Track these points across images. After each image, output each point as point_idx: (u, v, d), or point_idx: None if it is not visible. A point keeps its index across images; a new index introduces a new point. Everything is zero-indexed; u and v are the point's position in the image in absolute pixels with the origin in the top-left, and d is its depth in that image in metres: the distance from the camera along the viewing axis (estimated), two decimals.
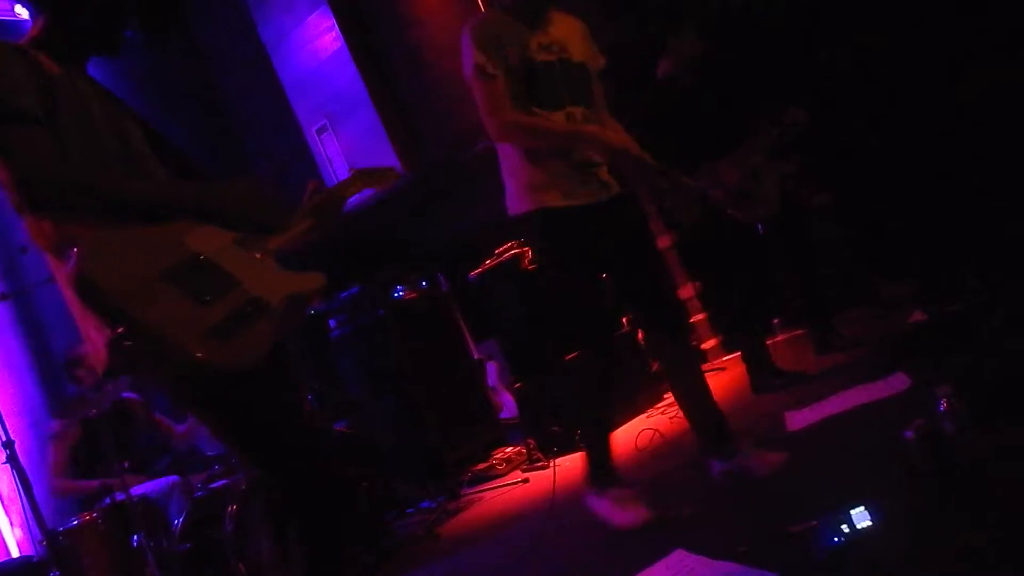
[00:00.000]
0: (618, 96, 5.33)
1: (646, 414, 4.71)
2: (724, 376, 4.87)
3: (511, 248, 5.02)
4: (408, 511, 4.76)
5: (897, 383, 2.96)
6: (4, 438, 3.72)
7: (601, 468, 2.90)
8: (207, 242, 1.76)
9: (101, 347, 1.72)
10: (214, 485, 4.10)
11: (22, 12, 5.68)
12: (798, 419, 3.11)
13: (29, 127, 1.70)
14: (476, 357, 5.70)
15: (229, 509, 3.95)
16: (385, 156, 6.19)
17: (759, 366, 3.97)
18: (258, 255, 1.85)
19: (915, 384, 2.86)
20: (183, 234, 1.75)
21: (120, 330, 1.57)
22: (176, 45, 6.45)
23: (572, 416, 3.30)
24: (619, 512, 2.77)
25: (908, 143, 4.17)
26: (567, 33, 2.88)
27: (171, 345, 1.55)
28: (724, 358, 5.27)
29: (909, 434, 2.05)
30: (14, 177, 1.70)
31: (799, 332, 4.52)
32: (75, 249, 1.58)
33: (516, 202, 2.82)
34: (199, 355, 1.56)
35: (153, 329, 1.56)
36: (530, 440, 4.76)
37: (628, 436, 4.12)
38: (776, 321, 5.01)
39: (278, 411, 1.85)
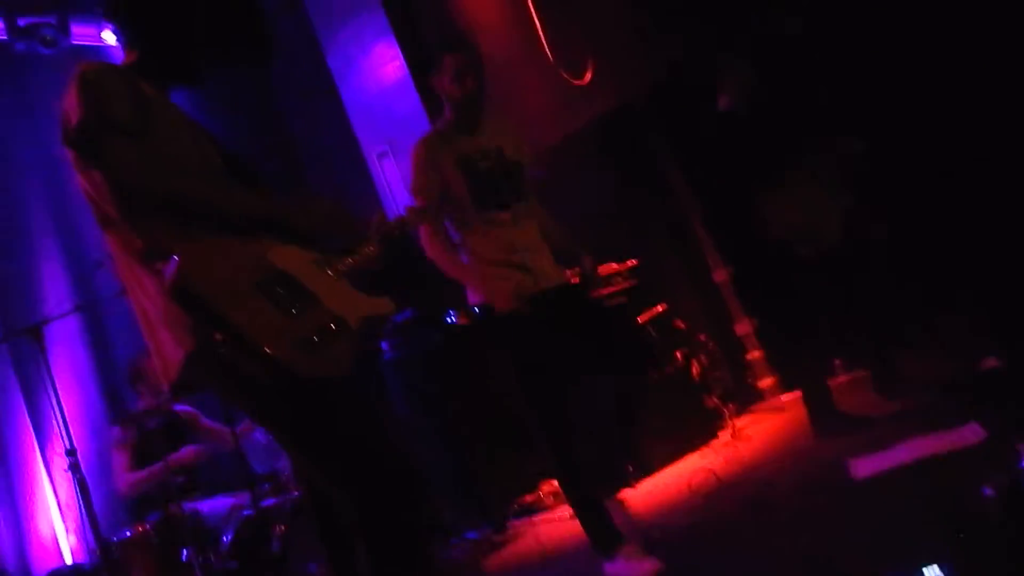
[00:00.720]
0: (673, 126, 5.39)
1: (699, 452, 4.63)
2: (782, 417, 4.78)
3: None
4: (452, 540, 4.73)
5: (970, 434, 2.87)
6: (68, 446, 3.81)
7: (603, 533, 2.97)
8: (289, 260, 1.83)
9: (174, 362, 1.77)
10: (264, 504, 4.13)
11: (108, 38, 5.89)
12: (863, 467, 3.02)
13: (130, 139, 1.78)
14: None
15: (277, 529, 3.98)
16: None
17: (821, 407, 3.87)
18: (332, 275, 1.92)
19: (990, 436, 2.76)
20: (267, 250, 1.82)
21: (217, 336, 1.62)
22: (244, 68, 6.61)
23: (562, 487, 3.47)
24: (634, 568, 2.84)
25: (963, 179, 4.08)
26: (500, 134, 3.24)
27: (266, 351, 1.61)
28: (782, 397, 5.18)
29: (988, 491, 1.97)
30: (112, 185, 1.76)
31: (862, 373, 4.41)
32: (174, 256, 1.64)
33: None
34: (292, 362, 1.62)
35: (250, 335, 1.62)
36: None
37: (681, 476, 4.06)
38: (838, 362, 4.91)
39: (362, 427, 1.86)
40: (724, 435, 4.70)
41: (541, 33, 5.61)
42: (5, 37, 5.46)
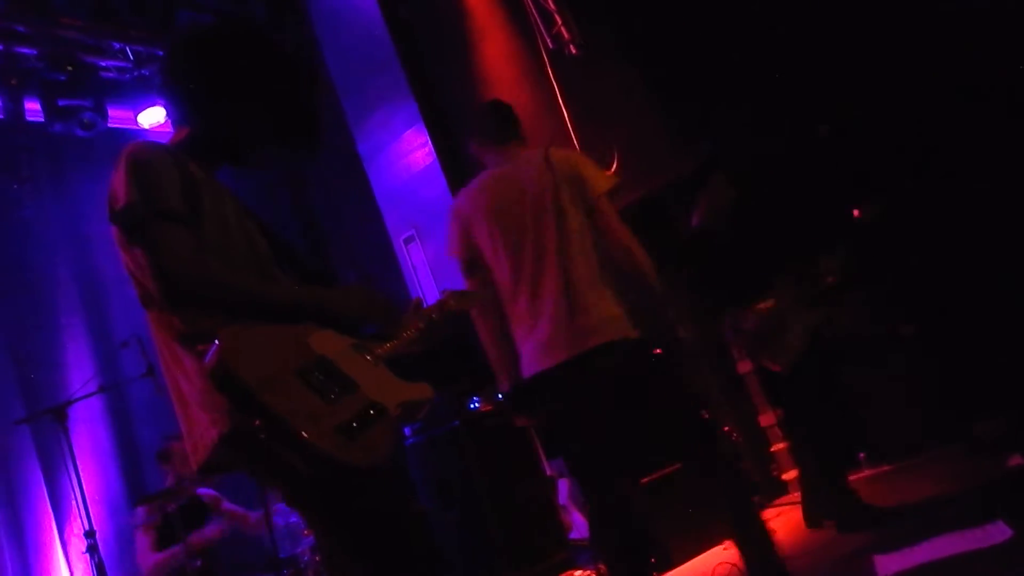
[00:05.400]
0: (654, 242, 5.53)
1: (722, 546, 4.52)
2: None
3: None
4: None
5: (996, 533, 2.80)
6: (87, 527, 3.79)
7: None
8: (329, 345, 1.83)
9: (206, 442, 1.77)
10: None
11: (144, 122, 6.09)
12: (889, 564, 2.95)
13: (176, 225, 1.80)
14: (548, 474, 5.62)
15: None
16: None
17: (843, 502, 3.82)
18: (371, 360, 1.91)
19: (1016, 536, 2.70)
20: (306, 336, 1.82)
21: (256, 421, 1.61)
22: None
23: None
24: None
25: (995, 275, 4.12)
26: None
27: (304, 438, 1.59)
28: None
29: None
30: (155, 270, 1.76)
31: (887, 468, 4.35)
32: (216, 341, 1.63)
33: None
34: (331, 449, 1.60)
35: (288, 422, 1.60)
36: (601, 565, 4.61)
37: (703, 570, 3.97)
38: (862, 456, 4.83)
39: (397, 516, 1.83)
40: None
41: (568, 123, 5.73)
42: (42, 118, 5.62)
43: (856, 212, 3.89)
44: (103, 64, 6.09)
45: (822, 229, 4.19)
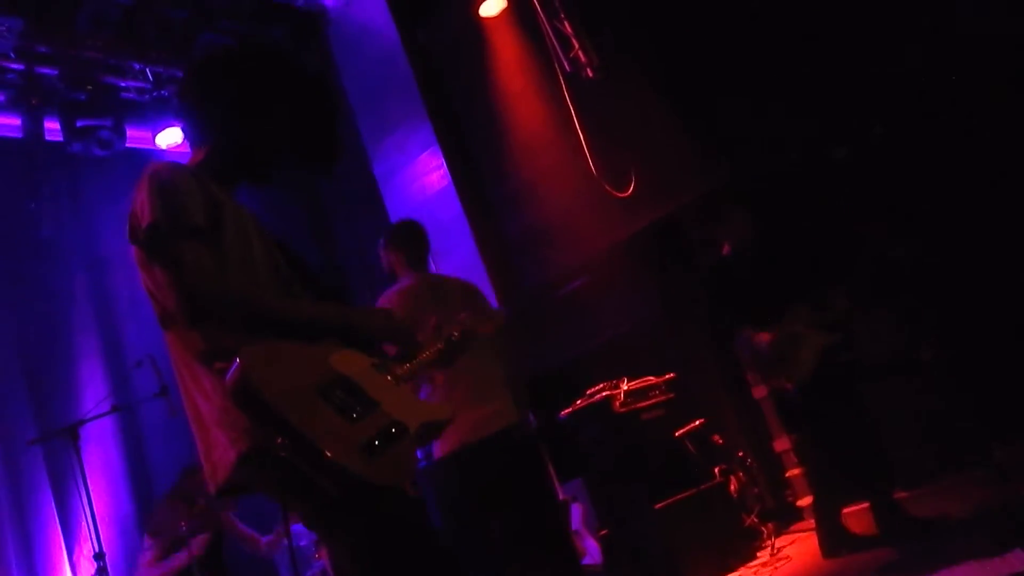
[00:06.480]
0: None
1: (737, 573, 4.46)
2: None
3: (603, 389, 4.96)
4: None
5: (1015, 562, 2.75)
6: (96, 549, 3.77)
7: None
8: (350, 364, 1.83)
9: (225, 463, 1.75)
10: None
11: (161, 143, 6.14)
12: None
13: (200, 243, 1.79)
14: (561, 498, 5.56)
15: None
16: (483, 289, 6.30)
17: (831, 529, 3.92)
18: (391, 380, 1.91)
19: None
20: (327, 354, 1.81)
21: (278, 439, 1.59)
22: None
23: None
24: None
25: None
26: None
27: (328, 456, 1.58)
28: None
29: None
30: (180, 288, 1.75)
31: (904, 494, 4.28)
32: (238, 359, 1.62)
33: None
34: (354, 467, 1.59)
35: (311, 439, 1.59)
36: None
37: None
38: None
39: (418, 534, 1.81)
40: (763, 556, 4.54)
41: (585, 146, 5.75)
42: (60, 138, 5.67)
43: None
44: (123, 84, 6.16)
45: (836, 253, 4.19)
